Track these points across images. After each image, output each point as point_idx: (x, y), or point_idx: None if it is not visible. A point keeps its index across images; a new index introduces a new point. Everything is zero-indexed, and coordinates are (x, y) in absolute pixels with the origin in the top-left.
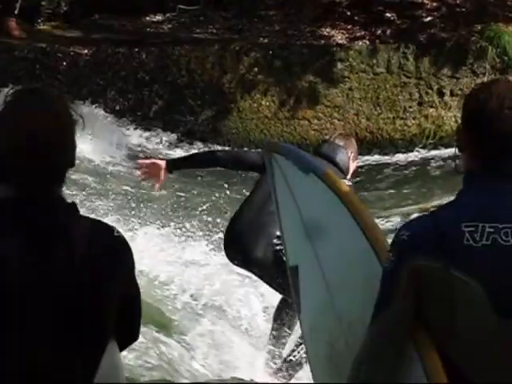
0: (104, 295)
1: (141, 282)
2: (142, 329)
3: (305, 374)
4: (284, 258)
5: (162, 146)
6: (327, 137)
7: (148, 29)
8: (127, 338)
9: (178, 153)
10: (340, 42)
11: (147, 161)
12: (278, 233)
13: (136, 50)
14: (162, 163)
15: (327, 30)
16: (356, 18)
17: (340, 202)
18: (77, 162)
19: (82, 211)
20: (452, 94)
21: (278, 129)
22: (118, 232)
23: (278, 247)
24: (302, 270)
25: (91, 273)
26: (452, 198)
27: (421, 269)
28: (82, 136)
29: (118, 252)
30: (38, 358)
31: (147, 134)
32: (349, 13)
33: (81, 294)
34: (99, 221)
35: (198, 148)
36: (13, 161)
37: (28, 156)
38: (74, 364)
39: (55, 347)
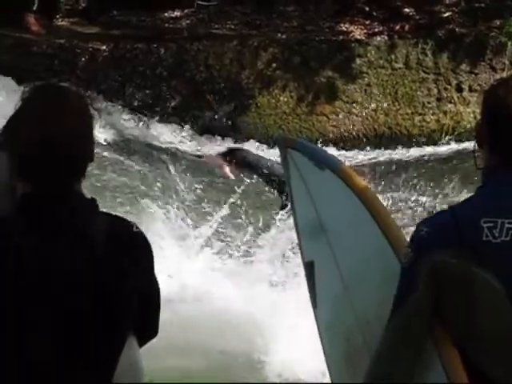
0: (122, 291)
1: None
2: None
3: None
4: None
5: (180, 141)
6: None
7: (166, 24)
8: (147, 333)
9: (196, 148)
10: (358, 37)
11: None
12: None
13: (154, 45)
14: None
15: (345, 25)
16: (374, 13)
17: (356, 198)
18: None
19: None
20: (471, 90)
21: (296, 124)
22: (137, 228)
23: None
24: (317, 266)
25: (109, 269)
26: (471, 193)
27: (440, 264)
28: (98, 131)
29: (137, 248)
30: (49, 357)
31: (165, 129)
32: (367, 8)
33: (98, 291)
34: (119, 216)
35: (215, 144)
36: (31, 157)
37: (46, 152)
38: (87, 362)
39: (70, 346)
